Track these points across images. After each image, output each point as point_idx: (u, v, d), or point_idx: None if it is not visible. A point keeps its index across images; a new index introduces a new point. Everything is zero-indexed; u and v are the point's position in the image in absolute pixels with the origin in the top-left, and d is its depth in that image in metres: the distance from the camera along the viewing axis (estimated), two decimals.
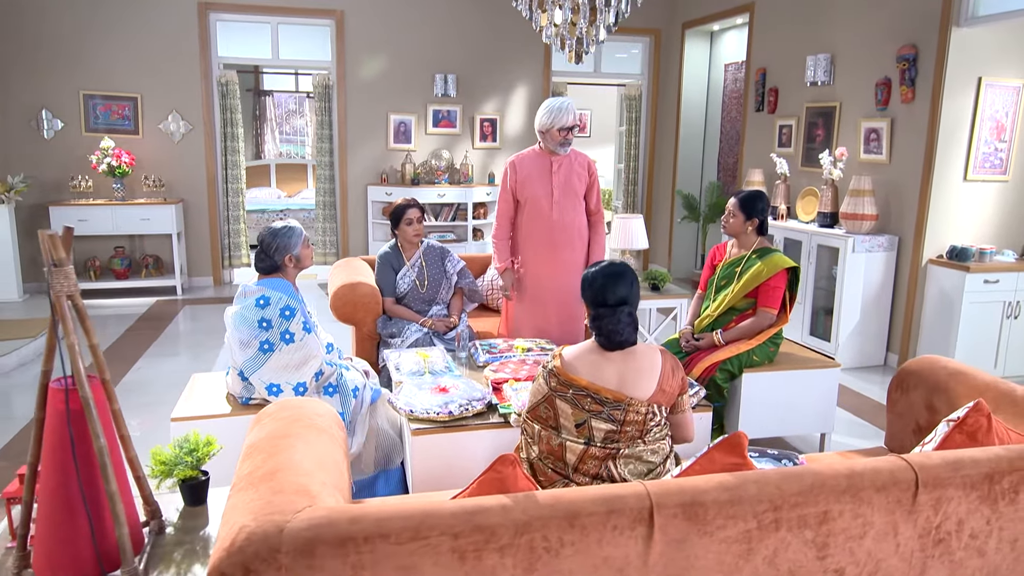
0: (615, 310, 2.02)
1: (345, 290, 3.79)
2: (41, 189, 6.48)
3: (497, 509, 1.46)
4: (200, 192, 6.99)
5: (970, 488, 1.71)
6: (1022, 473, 1.74)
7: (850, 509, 1.64)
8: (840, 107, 5.34)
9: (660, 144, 8.05)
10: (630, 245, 4.49)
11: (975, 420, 1.84)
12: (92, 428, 1.39)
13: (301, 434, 1.82)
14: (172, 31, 6.64)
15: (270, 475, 1.59)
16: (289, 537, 1.37)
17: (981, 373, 2.35)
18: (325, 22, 7.05)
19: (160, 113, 6.76)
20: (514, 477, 1.57)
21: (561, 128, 3.48)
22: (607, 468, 2.00)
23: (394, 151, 7.44)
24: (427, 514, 1.44)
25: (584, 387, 1.98)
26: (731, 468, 1.67)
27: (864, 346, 4.93)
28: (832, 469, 1.65)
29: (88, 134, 6.59)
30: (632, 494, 1.53)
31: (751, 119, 6.48)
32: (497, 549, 1.45)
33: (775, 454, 2.30)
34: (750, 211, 3.35)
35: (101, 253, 6.78)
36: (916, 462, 1.70)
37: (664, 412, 2.07)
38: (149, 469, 1.76)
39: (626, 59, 8.19)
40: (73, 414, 1.43)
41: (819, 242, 5.06)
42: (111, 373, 4.66)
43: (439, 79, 7.31)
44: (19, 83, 6.36)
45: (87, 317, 1.69)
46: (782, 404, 3.35)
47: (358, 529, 1.40)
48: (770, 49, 6.18)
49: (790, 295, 3.39)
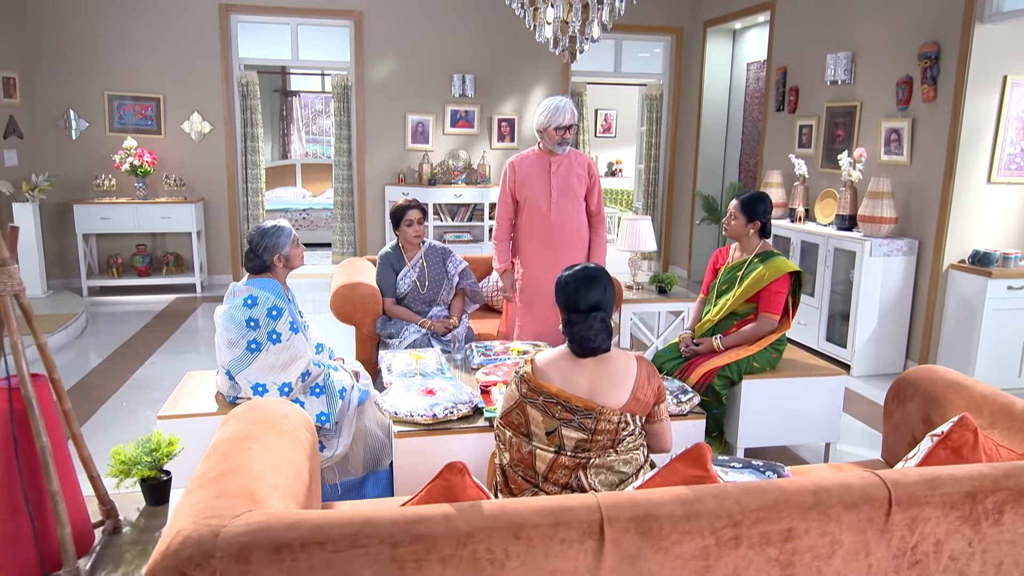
0: (587, 316, 1.97)
1: (345, 290, 3.80)
2: (67, 188, 6.63)
3: (439, 519, 1.43)
4: (220, 191, 7.09)
5: (949, 507, 1.63)
6: (1008, 493, 1.65)
7: (817, 527, 1.57)
8: (860, 107, 5.19)
9: (681, 144, 7.94)
10: (637, 247, 4.42)
11: (960, 435, 1.75)
12: (35, 428, 1.39)
13: (262, 436, 1.81)
14: (194, 33, 6.74)
15: (219, 477, 1.58)
16: (224, 542, 1.35)
17: (981, 385, 2.25)
18: (344, 23, 7.09)
19: (182, 113, 6.87)
20: (462, 485, 1.53)
21: (558, 127, 3.43)
22: (577, 478, 1.94)
23: (412, 151, 7.45)
24: (366, 522, 1.41)
25: (554, 394, 1.94)
26: (693, 480, 1.61)
27: (881, 353, 4.78)
28: (797, 484, 1.58)
29: (112, 134, 6.73)
30: (582, 506, 1.48)
31: (771, 119, 6.34)
32: (439, 560, 1.42)
33: (759, 465, 2.23)
34: (751, 213, 3.27)
35: (124, 251, 6.91)
36: (890, 479, 1.62)
37: (639, 421, 2.01)
38: (109, 468, 1.76)
39: (648, 58, 8.08)
40: (17, 414, 1.43)
41: (836, 245, 4.93)
42: (124, 369, 4.78)
43: (457, 79, 7.30)
44: (46, 84, 6.51)
45: (33, 316, 1.69)
46: (784, 412, 3.25)
47: (294, 536, 1.37)
48: (791, 47, 6.04)
49: (793, 300, 3.29)
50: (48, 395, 1.52)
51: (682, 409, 2.81)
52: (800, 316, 5.27)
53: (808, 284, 5.26)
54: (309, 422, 2.07)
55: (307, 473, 1.83)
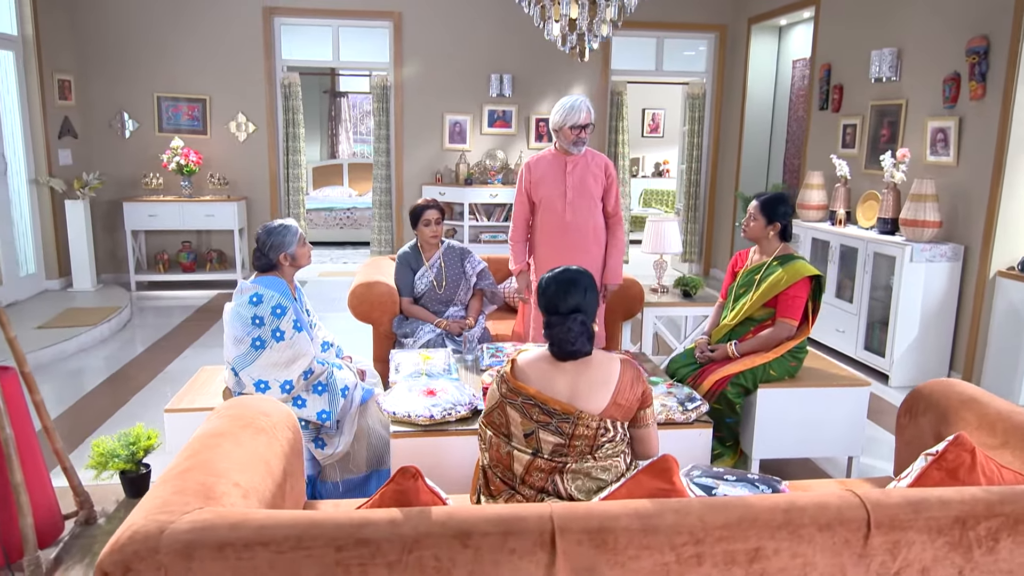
0: (567, 318, 1.92)
1: (362, 289, 3.83)
2: (118, 186, 6.90)
3: (384, 524, 1.41)
4: (263, 190, 7.26)
5: (936, 533, 1.52)
6: (1003, 519, 1.54)
7: (787, 547, 1.49)
8: (906, 105, 4.95)
9: (724, 145, 7.74)
10: (663, 249, 4.32)
11: (956, 456, 1.64)
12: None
13: (235, 433, 1.82)
14: (239, 35, 6.92)
15: (182, 473, 1.60)
16: (169, 538, 1.37)
17: (998, 401, 2.10)
18: (384, 24, 7.17)
19: (227, 114, 7.06)
20: (415, 490, 1.51)
21: (573, 126, 3.37)
22: (553, 482, 1.90)
23: (449, 151, 7.48)
24: (311, 524, 1.40)
25: (532, 396, 1.90)
26: (657, 493, 1.55)
27: (923, 363, 4.55)
28: (767, 501, 1.51)
29: (161, 134, 6.96)
30: (533, 516, 1.44)
31: (815, 118, 6.12)
32: (385, 565, 1.40)
33: (754, 479, 2.13)
34: (771, 214, 3.15)
35: (170, 247, 7.15)
36: (871, 499, 1.52)
37: (621, 428, 1.95)
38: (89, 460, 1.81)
39: (693, 57, 7.92)
40: None
41: (875, 250, 4.71)
42: (160, 361, 4.93)
43: (495, 79, 7.29)
44: (100, 86, 6.78)
45: (3, 312, 1.74)
46: (801, 424, 3.12)
47: (237, 536, 1.37)
48: (835, 43, 5.81)
49: (814, 306, 3.15)
50: (16, 387, 1.57)
51: (687, 417, 2.73)
52: (838, 323, 5.07)
53: (847, 290, 5.06)
54: (293, 421, 2.09)
55: (280, 472, 1.84)
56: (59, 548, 1.56)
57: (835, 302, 5.13)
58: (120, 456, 1.80)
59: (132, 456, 1.82)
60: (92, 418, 3.82)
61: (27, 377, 1.62)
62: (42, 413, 1.64)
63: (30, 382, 1.63)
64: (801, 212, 5.65)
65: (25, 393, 1.57)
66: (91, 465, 1.80)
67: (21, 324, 5.24)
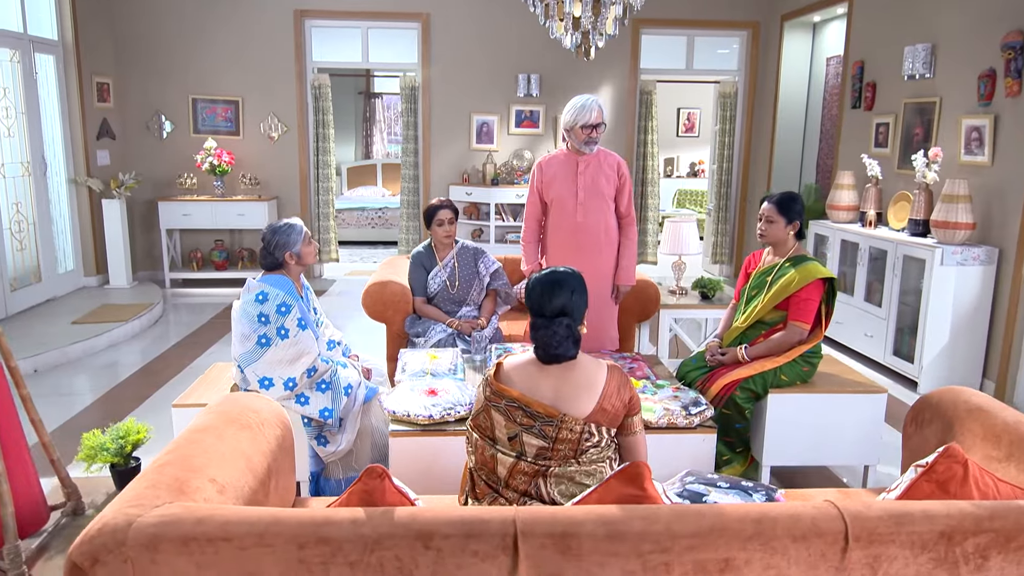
0: (552, 321, 1.90)
1: (376, 288, 3.86)
2: (154, 186, 7.10)
3: (346, 523, 1.41)
4: (293, 190, 7.38)
5: (920, 548, 1.46)
6: (993, 536, 1.47)
7: (760, 559, 1.44)
8: (940, 103, 4.78)
9: (756, 144, 7.60)
10: (681, 250, 4.25)
11: (946, 468, 1.57)
12: None
13: (220, 429, 1.85)
14: (271, 38, 7.05)
15: (160, 467, 1.63)
16: (136, 531, 1.39)
17: (1008, 411, 2.01)
18: (412, 25, 7.22)
19: (259, 115, 7.20)
20: (381, 490, 1.51)
21: (584, 126, 3.34)
22: (536, 486, 1.88)
23: (476, 151, 7.50)
24: (273, 521, 1.41)
25: (516, 399, 1.88)
26: (628, 500, 1.52)
27: (954, 371, 4.39)
28: (739, 511, 1.47)
29: (195, 135, 7.13)
30: (496, 519, 1.43)
31: (847, 117, 5.96)
32: (347, 564, 1.41)
33: (748, 486, 2.08)
34: (790, 214, 3.06)
35: (203, 245, 7.32)
36: (850, 511, 1.47)
37: (606, 433, 1.92)
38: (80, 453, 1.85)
39: (724, 55, 7.79)
40: None
41: (905, 252, 4.57)
42: (187, 356, 5.05)
43: (522, 79, 7.28)
44: (137, 89, 6.98)
45: None
46: (814, 430, 3.03)
47: (202, 530, 1.39)
48: (869, 40, 5.65)
49: (827, 309, 3.06)
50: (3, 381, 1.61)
51: (691, 422, 2.68)
52: (867, 328, 4.93)
53: (875, 294, 4.92)
54: (283, 418, 2.11)
55: (263, 468, 1.86)
56: (43, 538, 1.61)
57: (864, 306, 4.98)
58: (109, 450, 1.84)
59: (120, 450, 1.86)
60: (114, 411, 3.93)
61: (14, 372, 1.67)
62: (29, 407, 1.69)
63: (16, 376, 1.68)
64: (831, 213, 5.51)
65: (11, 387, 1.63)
66: (81, 458, 1.85)
67: (57, 319, 5.43)
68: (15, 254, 5.56)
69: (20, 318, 5.42)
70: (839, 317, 5.25)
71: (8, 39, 5.44)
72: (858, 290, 5.05)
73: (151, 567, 1.39)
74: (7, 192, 5.45)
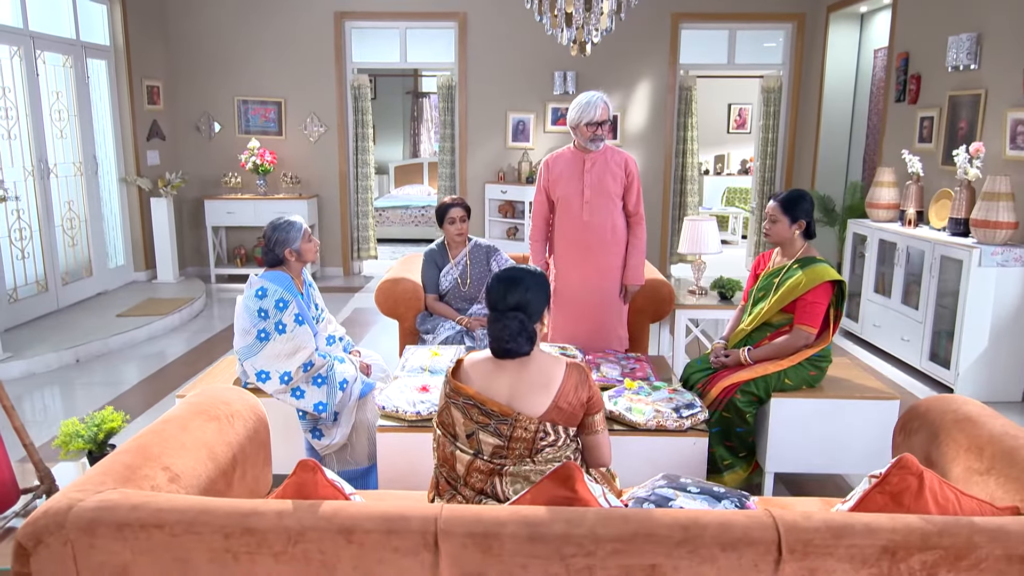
0: (504, 315, 1.89)
1: (388, 285, 3.91)
2: (201, 184, 7.37)
3: (271, 515, 1.44)
4: (332, 188, 7.54)
5: (860, 563, 1.40)
6: (942, 553, 1.39)
7: (687, 566, 1.41)
8: (985, 95, 4.53)
9: (800, 140, 7.36)
10: (700, 249, 4.16)
11: (900, 479, 1.49)
12: None
13: (186, 419, 1.91)
14: (313, 39, 7.21)
15: (116, 455, 1.69)
16: (75, 516, 1.45)
17: (996, 421, 1.90)
18: (449, 24, 7.28)
19: (301, 116, 7.38)
20: (313, 483, 1.53)
21: (589, 123, 3.30)
22: (492, 484, 1.88)
23: (512, 149, 7.50)
24: (202, 511, 1.45)
25: (472, 397, 1.88)
26: (559, 501, 1.50)
27: (994, 378, 4.16)
28: (667, 517, 1.43)
29: (240, 135, 7.37)
30: (418, 515, 1.43)
31: (891, 111, 5.71)
32: (272, 555, 1.44)
33: (720, 493, 2.02)
34: (794, 212, 2.96)
35: (247, 242, 7.55)
36: (786, 521, 1.42)
37: (564, 432, 1.90)
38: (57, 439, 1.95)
39: (767, 49, 7.57)
40: None
41: (942, 252, 4.34)
42: (221, 349, 5.22)
43: (558, 76, 7.25)
44: (185, 91, 7.26)
45: None
46: (819, 437, 2.92)
47: (135, 517, 1.44)
48: (913, 30, 5.40)
49: (836, 313, 2.95)
50: None
51: (680, 425, 2.62)
52: (904, 331, 4.71)
53: (913, 296, 4.70)
54: (257, 411, 2.16)
55: (228, 459, 1.91)
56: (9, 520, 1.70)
57: (901, 308, 4.77)
58: (82, 436, 1.93)
59: (94, 437, 1.95)
60: (140, 401, 4.11)
61: None
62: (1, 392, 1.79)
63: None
64: (870, 211, 5.28)
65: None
66: (57, 444, 1.94)
67: (104, 312, 5.70)
68: (67, 250, 5.86)
69: (70, 310, 5.71)
70: (877, 320, 5.05)
71: (61, 45, 5.74)
72: (895, 292, 4.84)
73: (89, 551, 1.45)
74: (59, 191, 5.75)
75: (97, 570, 1.45)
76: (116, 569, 1.45)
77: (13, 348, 4.64)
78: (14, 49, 5.18)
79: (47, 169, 5.54)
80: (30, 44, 5.33)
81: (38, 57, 5.42)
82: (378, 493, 2.26)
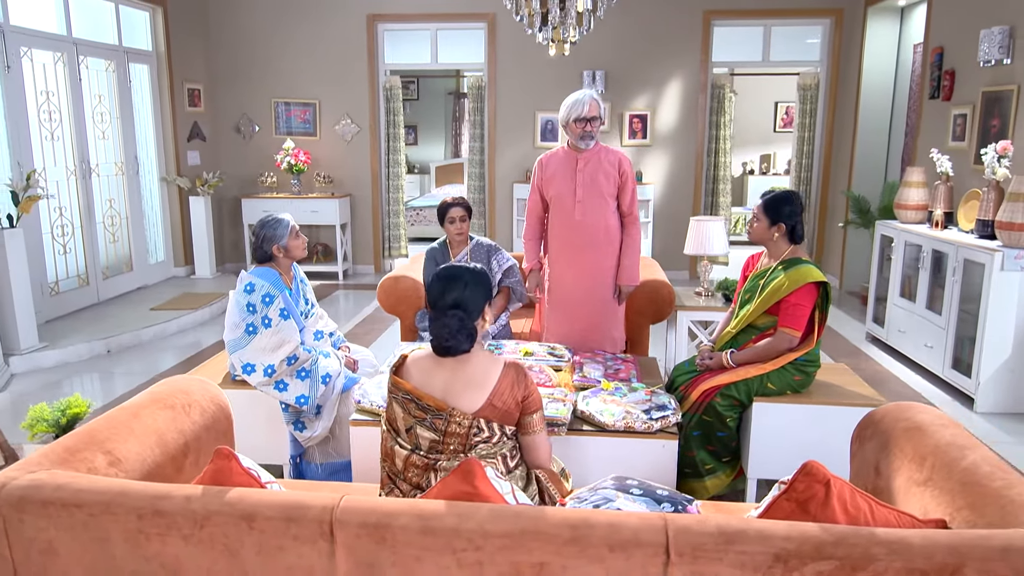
0: (444, 313, 1.92)
1: (389, 282, 3.98)
2: (239, 184, 7.64)
3: (180, 499, 1.51)
4: (365, 188, 7.70)
5: (751, 570, 1.37)
6: (837, 564, 1.35)
7: (576, 565, 1.41)
8: (1018, 91, 4.31)
9: (838, 139, 7.13)
10: (705, 250, 4.09)
11: (806, 487, 1.46)
12: None
13: (139, 408, 2.00)
14: (346, 42, 7.38)
15: (66, 437, 1.79)
16: (6, 493, 1.55)
17: (945, 431, 1.82)
18: (479, 25, 7.34)
19: (335, 116, 7.57)
20: (228, 471, 1.59)
21: (578, 120, 3.30)
22: (428, 479, 1.91)
23: (540, 149, 7.50)
24: (119, 492, 1.53)
25: (409, 391, 1.92)
26: (460, 496, 1.52)
27: (1017, 388, 3.96)
28: (557, 516, 1.44)
29: (277, 136, 7.60)
30: (316, 505, 1.48)
31: (925, 108, 5.48)
32: (181, 537, 1.50)
33: (662, 496, 2.00)
34: (775, 215, 2.89)
35: None
36: (677, 524, 1.40)
37: (499, 430, 1.92)
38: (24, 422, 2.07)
39: (803, 46, 7.36)
40: None
41: (965, 256, 4.16)
42: None
43: (587, 76, 7.22)
44: (225, 93, 7.53)
45: None
46: (802, 443, 2.84)
47: (58, 496, 1.53)
48: (948, 23, 5.17)
49: (821, 316, 2.86)
50: None
51: (649, 427, 2.59)
52: (927, 338, 4.53)
53: (936, 301, 4.51)
54: (219, 401, 2.25)
55: (179, 446, 2.00)
56: None
57: (925, 314, 4.58)
58: (47, 420, 2.05)
59: (57, 422, 2.07)
60: None
61: None
62: None
63: None
64: (898, 212, 5.09)
65: None
66: (24, 426, 2.07)
67: (140, 305, 5.97)
68: (108, 246, 6.16)
69: (109, 303, 6.01)
70: (902, 326, 4.86)
71: (105, 51, 6.04)
72: (920, 296, 4.65)
73: (20, 526, 1.54)
74: (101, 189, 6.05)
75: (27, 545, 1.55)
76: (43, 545, 1.54)
77: (49, 338, 4.92)
78: (57, 55, 5.48)
79: (88, 169, 5.84)
80: (73, 50, 5.63)
81: (81, 62, 5.72)
82: (340, 486, 2.33)
